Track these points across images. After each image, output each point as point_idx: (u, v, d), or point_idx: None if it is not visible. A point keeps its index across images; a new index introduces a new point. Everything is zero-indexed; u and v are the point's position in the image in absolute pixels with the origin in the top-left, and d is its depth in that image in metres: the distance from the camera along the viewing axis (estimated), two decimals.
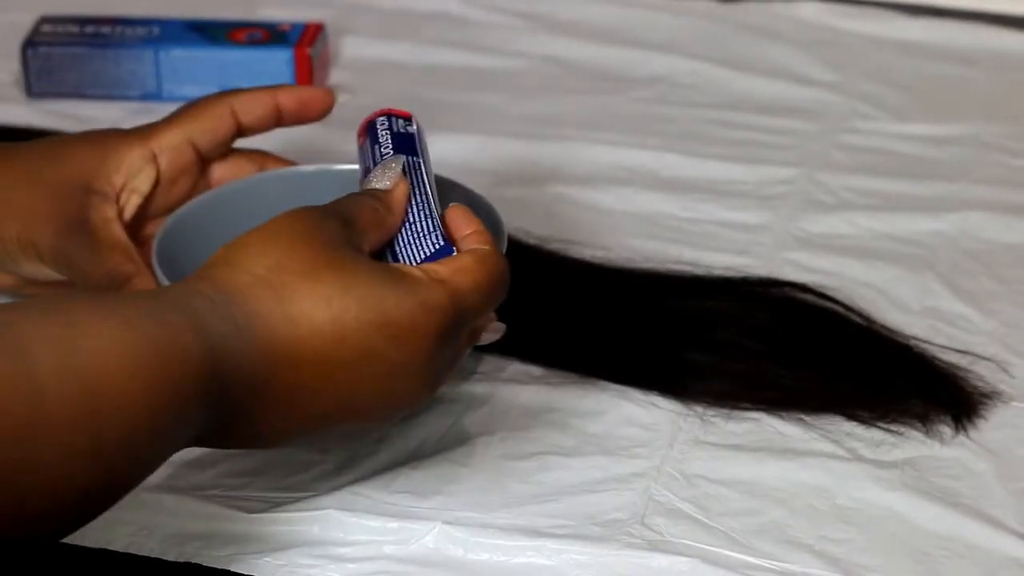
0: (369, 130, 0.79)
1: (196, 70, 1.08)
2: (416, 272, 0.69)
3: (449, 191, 0.86)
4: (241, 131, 0.84)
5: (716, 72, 1.14)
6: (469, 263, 0.70)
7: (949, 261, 0.92)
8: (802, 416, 0.80)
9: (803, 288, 0.89)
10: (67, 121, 1.02)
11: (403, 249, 0.73)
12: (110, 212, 0.81)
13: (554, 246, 0.93)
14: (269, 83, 0.87)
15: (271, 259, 0.67)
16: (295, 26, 1.10)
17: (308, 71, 1.07)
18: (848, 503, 0.75)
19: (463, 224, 0.73)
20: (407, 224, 0.74)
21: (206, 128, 0.84)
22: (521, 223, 0.93)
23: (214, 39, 1.09)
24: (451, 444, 0.79)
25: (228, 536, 0.73)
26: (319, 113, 0.86)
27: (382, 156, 0.76)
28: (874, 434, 0.79)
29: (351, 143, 0.81)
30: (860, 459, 0.78)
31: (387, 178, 0.74)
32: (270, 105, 0.84)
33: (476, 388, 0.82)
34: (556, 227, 0.95)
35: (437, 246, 0.72)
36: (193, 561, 0.73)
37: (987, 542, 0.73)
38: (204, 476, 0.77)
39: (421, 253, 0.73)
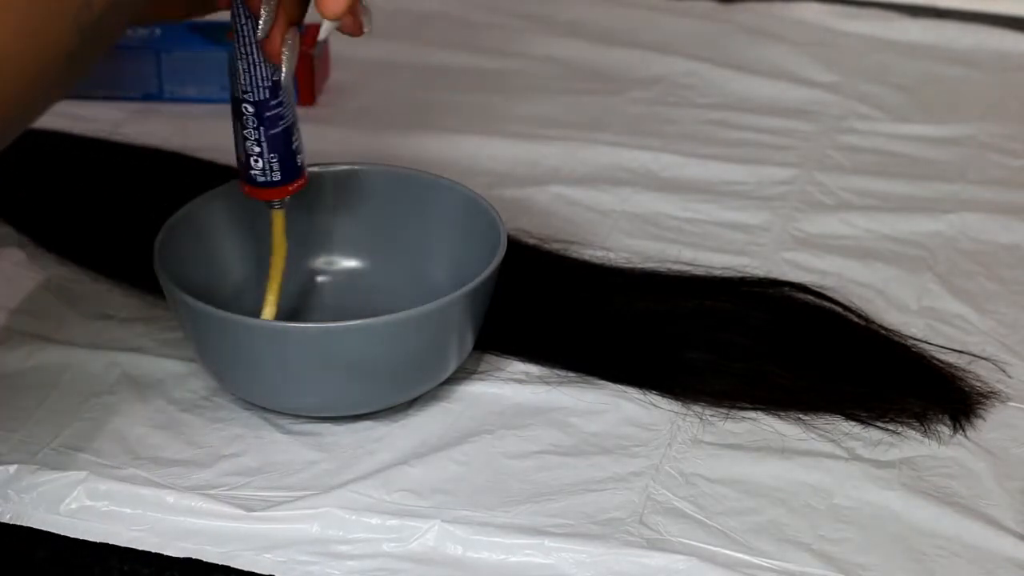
0: None
1: (197, 70, 1.08)
2: None
3: (448, 191, 0.86)
4: None
5: (716, 72, 1.14)
6: None
7: (947, 261, 0.93)
8: (800, 416, 0.80)
9: (802, 288, 0.89)
10: (67, 121, 1.03)
11: None
12: None
13: (554, 246, 0.93)
14: None
15: None
16: None
17: (309, 71, 1.08)
18: (846, 502, 0.75)
19: None
20: None
21: None
22: (521, 223, 0.94)
23: (215, 39, 1.09)
24: (451, 444, 0.79)
25: (229, 533, 0.74)
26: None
27: None
28: (872, 434, 0.80)
29: (348, 143, 0.81)
30: (858, 458, 0.78)
31: None
32: None
33: (476, 388, 0.82)
34: (556, 227, 0.95)
35: None
36: (194, 557, 0.73)
37: (984, 542, 0.73)
38: (205, 475, 0.77)
39: None
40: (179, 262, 0.80)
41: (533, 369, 0.84)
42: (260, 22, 0.75)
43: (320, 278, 0.88)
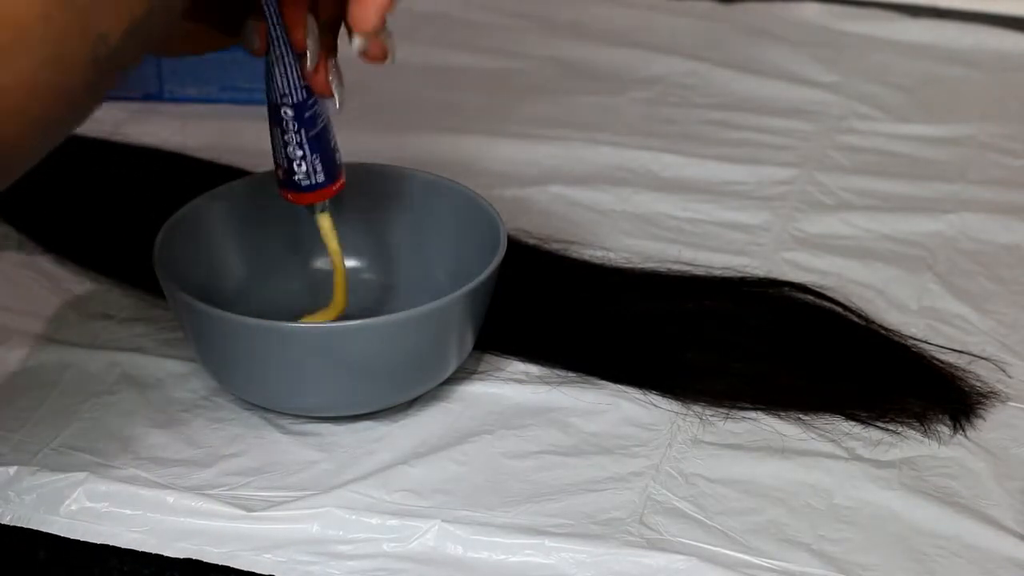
0: None
1: (197, 70, 1.08)
2: None
3: (448, 191, 0.86)
4: None
5: (716, 72, 1.14)
6: None
7: (947, 261, 0.93)
8: (800, 416, 0.80)
9: (802, 288, 0.89)
10: None
11: None
12: None
13: (554, 246, 0.93)
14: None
15: None
16: None
17: None
18: (846, 502, 0.75)
19: None
20: None
21: None
22: (521, 223, 0.94)
23: None
24: (451, 443, 0.79)
25: (228, 533, 0.74)
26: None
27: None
28: (872, 434, 0.80)
29: (347, 143, 0.81)
30: (858, 458, 0.78)
31: None
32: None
33: (476, 388, 0.82)
34: (556, 227, 0.95)
35: None
36: (193, 558, 0.73)
37: (985, 541, 0.73)
38: (205, 475, 0.77)
39: None
40: (179, 262, 0.80)
41: (533, 369, 0.84)
42: (308, 53, 0.76)
43: (320, 278, 0.88)
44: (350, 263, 0.87)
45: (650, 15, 1.22)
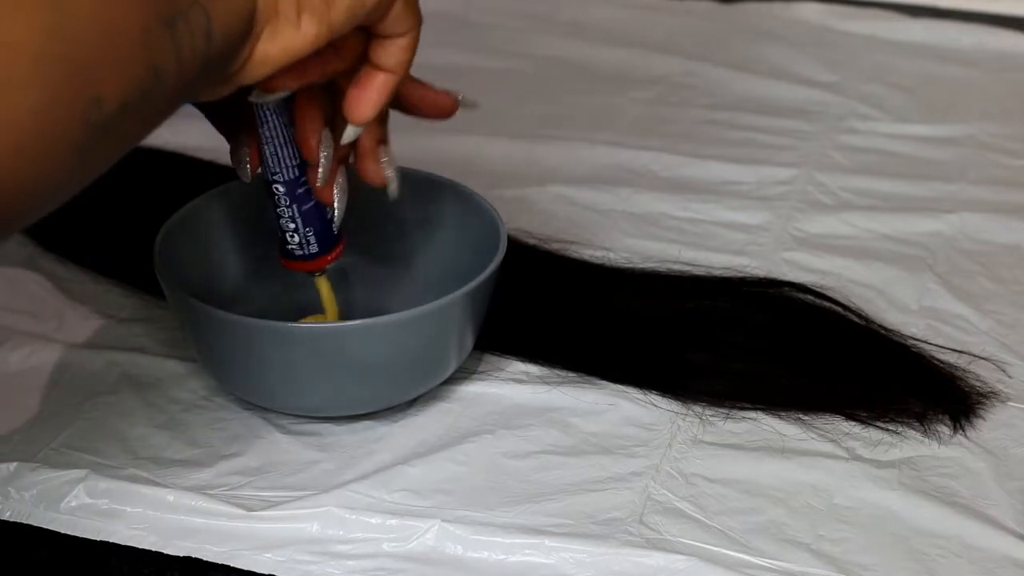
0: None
1: None
2: None
3: (448, 191, 0.86)
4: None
5: (716, 72, 1.14)
6: None
7: (947, 261, 0.93)
8: (800, 415, 0.80)
9: (802, 288, 0.89)
10: None
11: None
12: None
13: (554, 246, 0.93)
14: None
15: None
16: None
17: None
18: (846, 502, 0.75)
19: None
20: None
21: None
22: (521, 223, 0.94)
23: None
24: (451, 443, 0.79)
25: (228, 532, 0.74)
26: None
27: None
28: (872, 434, 0.80)
29: None
30: (858, 458, 0.78)
31: None
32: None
33: (476, 388, 0.83)
34: (556, 227, 0.95)
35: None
36: (193, 556, 0.73)
37: (985, 541, 0.73)
38: (205, 475, 0.77)
39: None
40: (179, 262, 0.80)
41: (533, 369, 0.84)
42: (319, 169, 0.76)
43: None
44: (350, 262, 0.87)
45: (650, 15, 1.22)
